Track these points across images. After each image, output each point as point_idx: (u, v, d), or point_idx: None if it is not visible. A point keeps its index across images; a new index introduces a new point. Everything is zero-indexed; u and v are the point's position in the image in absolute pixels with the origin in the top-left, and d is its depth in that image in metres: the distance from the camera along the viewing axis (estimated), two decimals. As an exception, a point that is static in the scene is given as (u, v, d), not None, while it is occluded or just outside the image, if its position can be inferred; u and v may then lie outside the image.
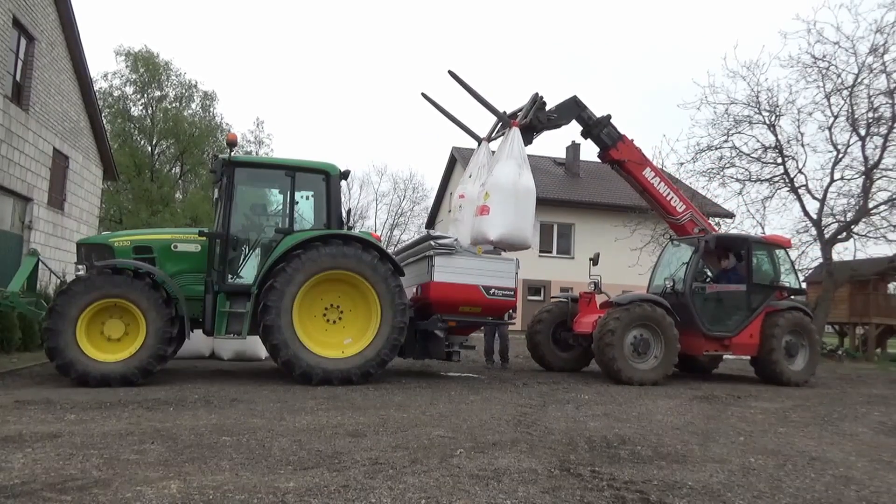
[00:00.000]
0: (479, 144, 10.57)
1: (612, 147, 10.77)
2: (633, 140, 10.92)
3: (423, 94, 10.67)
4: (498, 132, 10.21)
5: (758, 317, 10.22)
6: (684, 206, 11.08)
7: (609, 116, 10.87)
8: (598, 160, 11.51)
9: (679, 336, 9.56)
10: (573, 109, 10.56)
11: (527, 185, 9.30)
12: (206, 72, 73.79)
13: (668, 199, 11.04)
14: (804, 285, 13.15)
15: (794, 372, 10.23)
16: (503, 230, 9.04)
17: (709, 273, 10.94)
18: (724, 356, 11.59)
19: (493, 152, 9.99)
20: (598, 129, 10.74)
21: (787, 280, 10.87)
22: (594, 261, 11.00)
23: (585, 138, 11.10)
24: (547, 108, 10.14)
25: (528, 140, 9.95)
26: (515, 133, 9.50)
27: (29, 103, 14.25)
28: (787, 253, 11.18)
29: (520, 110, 10.07)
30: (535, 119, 9.87)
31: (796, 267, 18.04)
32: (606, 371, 9.48)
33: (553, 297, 11.99)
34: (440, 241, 8.86)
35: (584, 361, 11.41)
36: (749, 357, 10.61)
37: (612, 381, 9.40)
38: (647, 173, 10.95)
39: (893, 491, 4.13)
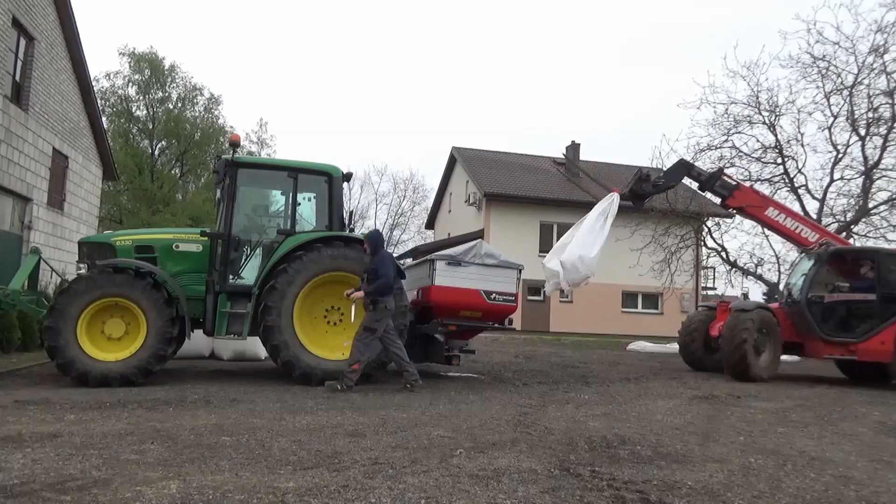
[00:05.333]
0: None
1: (728, 197, 11.57)
2: (751, 185, 12.11)
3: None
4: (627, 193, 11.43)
5: (891, 325, 10.52)
6: (818, 235, 11.61)
7: (721, 170, 12.04)
8: (599, 160, 12.22)
9: (803, 341, 10.69)
10: (681, 172, 11.78)
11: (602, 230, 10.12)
12: (211, 74, 73.85)
13: (798, 231, 11.66)
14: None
15: None
16: (568, 253, 9.79)
17: (838, 283, 11.27)
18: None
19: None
20: (711, 183, 11.66)
21: None
22: None
23: (703, 192, 12.47)
24: (654, 177, 11.58)
25: (638, 205, 11.81)
26: (616, 198, 10.53)
27: (28, 103, 14.23)
28: None
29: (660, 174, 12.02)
30: (637, 188, 11.26)
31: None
32: (735, 367, 10.38)
33: (700, 306, 13.92)
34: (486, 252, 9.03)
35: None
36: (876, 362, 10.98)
37: (737, 378, 10.29)
38: (771, 212, 11.65)
39: (893, 491, 4.13)
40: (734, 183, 11.93)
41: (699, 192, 12.56)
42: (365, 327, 7.52)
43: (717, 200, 12.24)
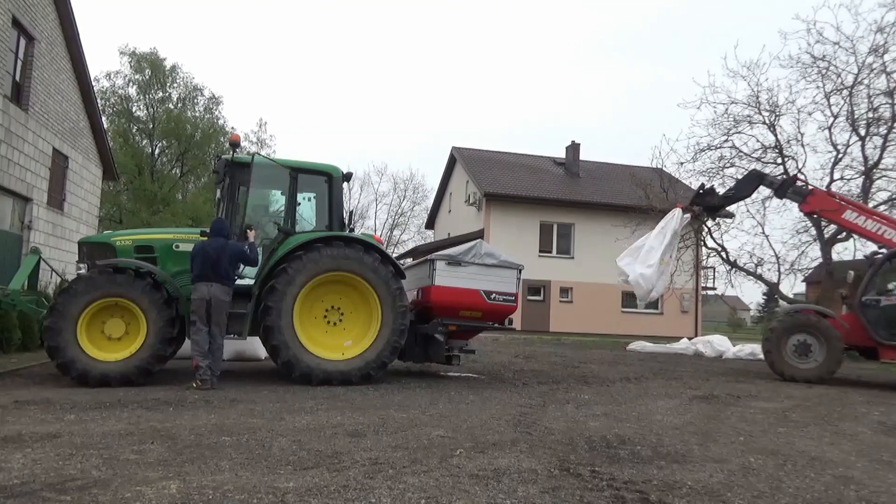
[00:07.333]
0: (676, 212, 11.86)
1: (802, 202, 11.71)
2: (826, 188, 12.29)
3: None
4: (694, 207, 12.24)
5: None
6: None
7: (794, 177, 12.29)
8: (599, 160, 12.38)
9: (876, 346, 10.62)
10: (754, 182, 12.20)
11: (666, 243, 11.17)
12: (211, 75, 73.92)
13: (881, 233, 11.25)
14: (804, 286, 13.68)
15: None
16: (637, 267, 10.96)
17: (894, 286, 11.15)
18: None
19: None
20: (784, 190, 11.92)
21: None
22: (848, 279, 12.23)
23: (780, 199, 12.67)
24: (719, 190, 12.36)
25: (712, 217, 12.93)
26: (677, 213, 11.53)
27: (28, 103, 14.24)
28: None
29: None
30: (702, 202, 11.98)
31: (796, 267, 18.08)
32: (766, 361, 11.13)
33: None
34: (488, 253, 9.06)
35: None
36: None
37: (777, 376, 10.87)
38: (849, 215, 11.41)
39: (893, 491, 4.13)
40: (809, 188, 11.95)
41: (777, 198, 12.69)
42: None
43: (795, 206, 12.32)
